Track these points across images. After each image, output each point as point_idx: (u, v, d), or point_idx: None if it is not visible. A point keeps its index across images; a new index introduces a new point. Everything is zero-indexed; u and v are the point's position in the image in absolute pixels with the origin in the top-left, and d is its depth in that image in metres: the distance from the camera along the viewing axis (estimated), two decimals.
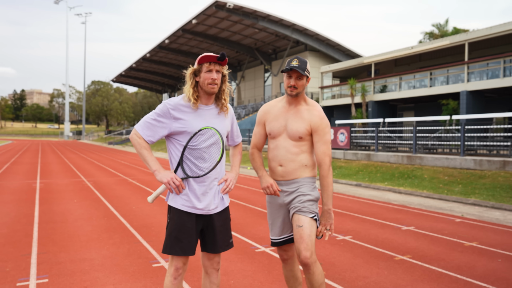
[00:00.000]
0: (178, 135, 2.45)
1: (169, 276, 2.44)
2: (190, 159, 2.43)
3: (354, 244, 5.12)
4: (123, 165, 18.46)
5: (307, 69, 2.68)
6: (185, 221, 2.42)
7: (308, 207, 2.63)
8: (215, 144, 2.46)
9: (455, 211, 7.71)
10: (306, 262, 2.52)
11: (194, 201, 2.43)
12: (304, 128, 2.70)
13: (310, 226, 2.58)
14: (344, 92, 27.14)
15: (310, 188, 2.71)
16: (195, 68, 2.45)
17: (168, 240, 2.44)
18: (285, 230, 2.77)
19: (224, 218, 2.57)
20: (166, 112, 2.43)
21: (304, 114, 2.72)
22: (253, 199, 8.67)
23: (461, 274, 4.05)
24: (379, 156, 14.56)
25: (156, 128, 2.43)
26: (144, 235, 5.41)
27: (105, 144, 53.20)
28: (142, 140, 2.44)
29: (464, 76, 19.02)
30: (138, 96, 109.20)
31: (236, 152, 2.81)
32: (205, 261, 2.59)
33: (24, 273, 3.90)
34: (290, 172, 2.71)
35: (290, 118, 2.74)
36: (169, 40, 39.47)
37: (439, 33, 39.27)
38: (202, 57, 2.41)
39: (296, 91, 2.67)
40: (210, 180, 2.47)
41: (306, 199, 2.65)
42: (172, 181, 2.38)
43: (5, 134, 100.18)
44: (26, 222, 6.13)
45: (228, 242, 2.59)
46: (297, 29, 33.44)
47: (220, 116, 2.55)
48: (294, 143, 2.72)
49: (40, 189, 9.95)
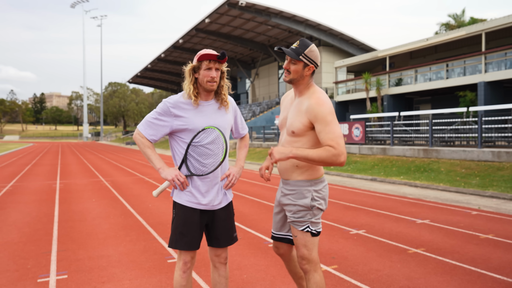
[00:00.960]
0: (180, 133, 2.48)
1: (178, 270, 2.51)
2: (194, 156, 2.46)
3: (367, 238, 5.12)
4: (140, 164, 18.73)
5: (305, 54, 2.36)
6: (189, 216, 2.47)
7: (298, 219, 2.47)
8: (217, 139, 2.48)
9: (472, 204, 7.62)
10: (302, 268, 2.52)
11: (198, 197, 2.48)
12: (298, 122, 2.41)
13: (303, 237, 2.47)
14: (359, 87, 26.92)
15: (300, 195, 2.47)
16: (194, 64, 2.45)
17: (173, 235, 2.50)
18: (281, 229, 2.69)
19: (228, 213, 2.62)
20: (166, 110, 2.45)
21: (303, 105, 2.42)
22: (267, 195, 8.72)
23: (476, 266, 4.02)
24: (394, 150, 14.43)
25: (158, 127, 2.46)
26: (160, 232, 5.51)
27: (122, 145, 53.97)
28: (145, 140, 2.48)
29: (482, 66, 18.65)
30: (154, 96, 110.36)
31: (242, 145, 2.82)
32: (212, 255, 2.65)
33: (44, 270, 4.04)
34: (283, 171, 2.55)
35: (291, 110, 2.52)
36: (183, 40, 39.76)
37: (456, 24, 38.53)
38: (202, 54, 2.41)
39: (289, 76, 2.43)
40: (213, 176, 2.51)
41: (296, 210, 2.48)
42: (176, 178, 2.43)
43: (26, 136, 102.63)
44: (46, 221, 6.32)
45: (232, 236, 2.64)
46: (310, 24, 33.27)
47: (221, 111, 2.56)
48: (289, 138, 2.50)
49: (60, 189, 10.20)
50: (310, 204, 2.45)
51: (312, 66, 2.41)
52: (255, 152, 22.34)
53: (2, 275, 3.88)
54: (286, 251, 2.72)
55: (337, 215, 6.53)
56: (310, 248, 2.48)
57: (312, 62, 2.40)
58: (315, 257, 2.49)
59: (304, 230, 2.47)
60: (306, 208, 2.46)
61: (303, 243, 2.48)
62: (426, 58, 26.51)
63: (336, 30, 33.75)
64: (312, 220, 2.48)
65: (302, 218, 2.47)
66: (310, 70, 2.42)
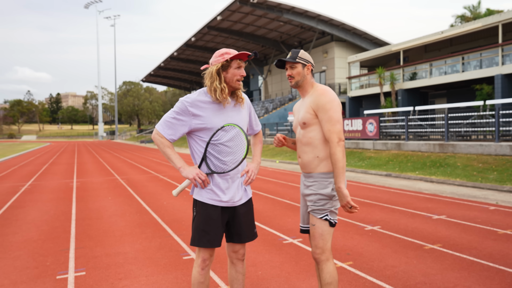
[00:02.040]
0: (199, 131, 2.49)
1: (197, 267, 2.52)
2: (213, 154, 2.47)
3: (382, 234, 5.09)
4: (155, 162, 18.90)
5: (300, 56, 2.63)
6: (211, 214, 2.48)
7: (319, 207, 2.58)
8: (236, 136, 2.49)
9: (489, 199, 7.49)
10: (315, 258, 2.61)
11: (220, 194, 2.48)
12: (306, 112, 2.61)
13: (321, 226, 2.58)
14: (373, 82, 26.65)
15: (322, 186, 2.60)
16: (223, 63, 2.44)
17: (195, 233, 2.51)
18: (306, 221, 2.79)
19: (248, 209, 2.63)
20: (184, 109, 2.45)
21: (308, 99, 2.65)
22: (281, 192, 8.72)
23: (493, 262, 3.96)
24: (409, 145, 14.26)
25: (176, 126, 2.47)
26: (175, 229, 5.57)
27: (137, 143, 54.53)
28: (164, 139, 2.48)
29: (499, 59, 18.28)
30: (167, 94, 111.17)
31: (257, 141, 2.85)
32: (230, 251, 2.66)
33: (63, 267, 4.12)
34: (306, 164, 2.66)
35: (301, 108, 2.73)
36: (195, 37, 39.88)
37: (472, 16, 37.84)
38: (236, 54, 2.43)
39: (294, 80, 2.65)
40: (234, 173, 2.52)
41: (317, 198, 2.59)
42: (197, 177, 2.44)
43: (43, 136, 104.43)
44: (64, 219, 6.43)
45: (253, 232, 2.66)
46: (322, 20, 33.02)
47: (237, 108, 2.57)
48: (303, 132, 2.66)
49: (77, 187, 10.36)
50: (331, 193, 2.57)
51: (309, 65, 2.67)
52: (269, 149, 22.33)
53: (22, 272, 3.97)
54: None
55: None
56: (326, 238, 2.58)
57: (308, 62, 2.67)
58: (329, 247, 2.60)
59: (323, 218, 2.58)
60: (327, 197, 2.58)
61: (320, 232, 2.58)
62: (441, 51, 26.08)
63: (348, 25, 33.44)
64: (331, 209, 2.59)
65: (322, 207, 2.58)
66: (309, 68, 2.67)
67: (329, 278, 2.56)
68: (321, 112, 2.53)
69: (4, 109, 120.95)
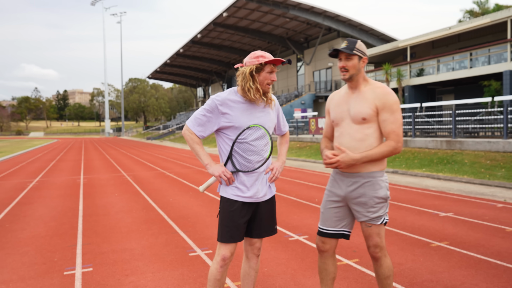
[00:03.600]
0: (227, 130, 2.54)
1: (216, 263, 2.54)
2: (239, 152, 2.52)
3: (389, 232, 5.06)
4: (161, 159, 18.97)
5: (357, 48, 2.51)
6: (235, 209, 2.53)
7: (377, 214, 2.52)
8: (262, 137, 2.54)
9: (497, 196, 7.43)
10: (374, 256, 2.60)
11: (244, 189, 2.53)
12: (368, 108, 2.50)
13: (378, 228, 2.56)
14: (379, 78, 26.50)
15: (376, 188, 2.51)
16: (257, 65, 2.49)
17: (219, 228, 2.57)
18: (337, 224, 2.65)
19: (271, 205, 2.68)
20: (214, 107, 2.51)
21: (367, 94, 2.53)
22: (287, 188, 8.71)
23: (501, 260, 3.93)
24: (416, 142, 14.19)
25: (206, 123, 2.53)
26: (181, 226, 5.58)
27: (143, 140, 54.77)
28: (194, 135, 2.55)
29: (507, 55, 18.09)
30: (173, 91, 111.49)
31: (283, 141, 2.90)
32: (246, 246, 2.70)
33: (70, 263, 4.15)
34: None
35: (352, 101, 2.58)
36: (201, 34, 39.89)
37: (480, 11, 37.46)
38: (271, 59, 2.46)
39: (348, 73, 2.52)
40: (258, 171, 2.57)
41: (374, 203, 2.51)
42: (223, 175, 2.50)
43: (50, 133, 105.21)
44: (71, 216, 6.48)
45: (273, 228, 2.70)
46: (328, 16, 32.87)
47: (266, 109, 2.61)
48: (358, 127, 2.54)
49: (84, 184, 10.43)
50: (387, 194, 2.54)
51: (365, 58, 2.56)
52: (274, 145, 22.31)
53: (30, 268, 4.01)
54: (332, 247, 2.69)
55: None
56: (382, 236, 2.58)
57: (365, 54, 2.56)
58: (384, 244, 2.61)
59: (382, 223, 2.57)
60: (383, 199, 2.54)
61: (377, 231, 2.56)
62: (449, 47, 25.86)
63: (355, 21, 33.24)
64: (387, 211, 2.60)
65: (381, 212, 2.55)
66: (365, 62, 2.56)
67: (388, 271, 2.60)
68: (387, 111, 2.47)
69: (12, 106, 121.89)
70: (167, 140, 46.92)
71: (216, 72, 59.02)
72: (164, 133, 57.52)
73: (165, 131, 58.79)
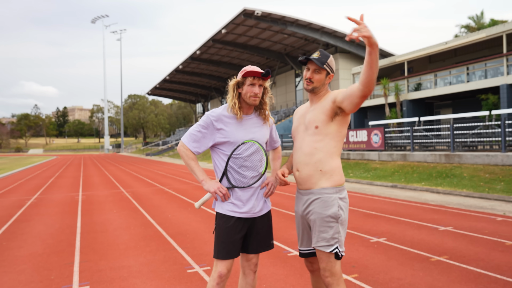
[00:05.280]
0: (222, 145, 2.56)
1: (212, 281, 2.53)
2: (234, 168, 2.53)
3: (388, 246, 5.04)
4: (160, 175, 18.94)
5: (328, 63, 2.46)
6: (231, 225, 2.52)
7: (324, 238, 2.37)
8: (256, 152, 2.55)
9: (496, 210, 7.41)
10: (325, 281, 2.42)
11: (240, 205, 2.53)
12: (321, 113, 2.42)
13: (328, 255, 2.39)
14: (377, 93, 26.66)
15: (325, 205, 2.38)
16: (238, 80, 2.55)
17: (216, 245, 2.56)
18: (306, 243, 2.59)
19: (267, 220, 2.68)
20: (209, 123, 2.54)
21: (324, 102, 2.47)
22: (286, 203, 8.69)
23: (501, 274, 3.90)
24: (415, 156, 14.20)
25: (201, 139, 2.56)
26: (179, 242, 5.55)
27: (142, 156, 54.70)
28: (189, 152, 2.56)
29: (504, 69, 18.26)
30: (172, 107, 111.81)
31: (276, 156, 2.92)
32: (243, 262, 2.68)
33: (67, 281, 4.11)
34: (305, 178, 2.45)
35: (309, 113, 2.53)
36: (200, 51, 40.24)
37: (476, 26, 37.91)
38: (247, 71, 2.50)
39: (312, 85, 2.48)
40: (254, 186, 2.57)
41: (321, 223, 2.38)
42: (218, 191, 2.50)
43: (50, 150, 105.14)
44: (69, 233, 6.44)
45: (270, 243, 2.69)
46: (326, 32, 33.23)
47: (260, 125, 2.64)
48: (309, 139, 2.46)
49: (82, 201, 10.39)
50: (337, 213, 2.36)
51: (332, 74, 2.54)
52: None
53: (27, 286, 3.97)
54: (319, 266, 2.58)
55: (357, 223, 6.45)
56: (334, 260, 2.40)
57: (333, 71, 2.54)
58: (338, 269, 2.40)
59: (331, 252, 2.37)
60: (334, 219, 2.36)
61: (326, 259, 2.40)
62: (446, 61, 26.10)
63: None
64: (340, 238, 2.39)
65: (331, 234, 2.36)
66: (330, 78, 2.53)
67: None
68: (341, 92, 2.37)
69: (11, 123, 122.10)
70: (166, 156, 46.88)
71: (215, 88, 59.34)
72: (163, 149, 57.53)
73: (164, 147, 58.81)
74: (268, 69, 2.50)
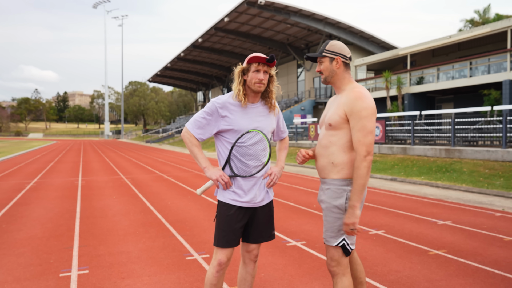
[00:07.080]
0: (226, 133, 2.53)
1: (212, 268, 2.53)
2: (237, 156, 2.51)
3: (386, 239, 5.05)
4: (160, 162, 18.95)
5: (327, 49, 2.42)
6: (232, 214, 2.52)
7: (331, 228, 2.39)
8: (260, 142, 2.53)
9: (495, 205, 7.43)
10: (331, 270, 2.43)
11: (241, 194, 2.52)
12: (335, 114, 2.37)
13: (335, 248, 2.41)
14: (379, 86, 26.58)
15: (334, 196, 2.38)
16: (243, 66, 2.52)
17: (216, 233, 2.55)
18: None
19: (269, 210, 2.67)
20: (214, 110, 2.51)
21: (343, 98, 2.38)
22: (286, 194, 8.70)
23: (499, 269, 3.92)
24: (415, 150, 14.19)
25: (206, 126, 2.53)
26: (179, 230, 5.56)
27: (142, 143, 54.71)
28: (193, 138, 2.54)
29: (507, 64, 18.16)
30: (173, 95, 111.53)
31: (282, 147, 2.87)
32: (244, 251, 2.68)
33: (66, 265, 4.13)
34: (320, 168, 2.48)
35: (331, 106, 2.49)
36: (202, 39, 39.99)
37: (481, 20, 37.65)
38: (251, 57, 2.47)
39: (323, 76, 2.47)
40: (256, 176, 2.56)
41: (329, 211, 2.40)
42: (220, 179, 2.48)
43: (50, 134, 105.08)
44: (68, 217, 6.45)
45: (271, 233, 2.69)
46: (329, 22, 32.97)
47: (266, 114, 2.61)
48: (325, 133, 2.45)
49: (82, 186, 10.40)
50: (342, 204, 2.35)
51: (338, 57, 2.41)
52: (273, 151, 22.29)
53: (26, 269, 3.99)
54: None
55: None
56: (341, 253, 2.42)
57: (336, 54, 2.41)
58: (345, 260, 2.41)
59: (337, 245, 2.39)
60: (340, 210, 2.36)
61: (333, 250, 2.43)
62: (449, 56, 25.97)
63: (356, 28, 33.35)
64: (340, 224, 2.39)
65: (335, 225, 2.38)
66: (338, 62, 2.41)
67: None
68: (354, 118, 2.28)
69: (11, 106, 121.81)
70: (166, 144, 46.88)
71: (216, 76, 59.13)
72: (163, 136, 57.51)
73: (164, 135, 58.78)
74: (272, 54, 2.45)
